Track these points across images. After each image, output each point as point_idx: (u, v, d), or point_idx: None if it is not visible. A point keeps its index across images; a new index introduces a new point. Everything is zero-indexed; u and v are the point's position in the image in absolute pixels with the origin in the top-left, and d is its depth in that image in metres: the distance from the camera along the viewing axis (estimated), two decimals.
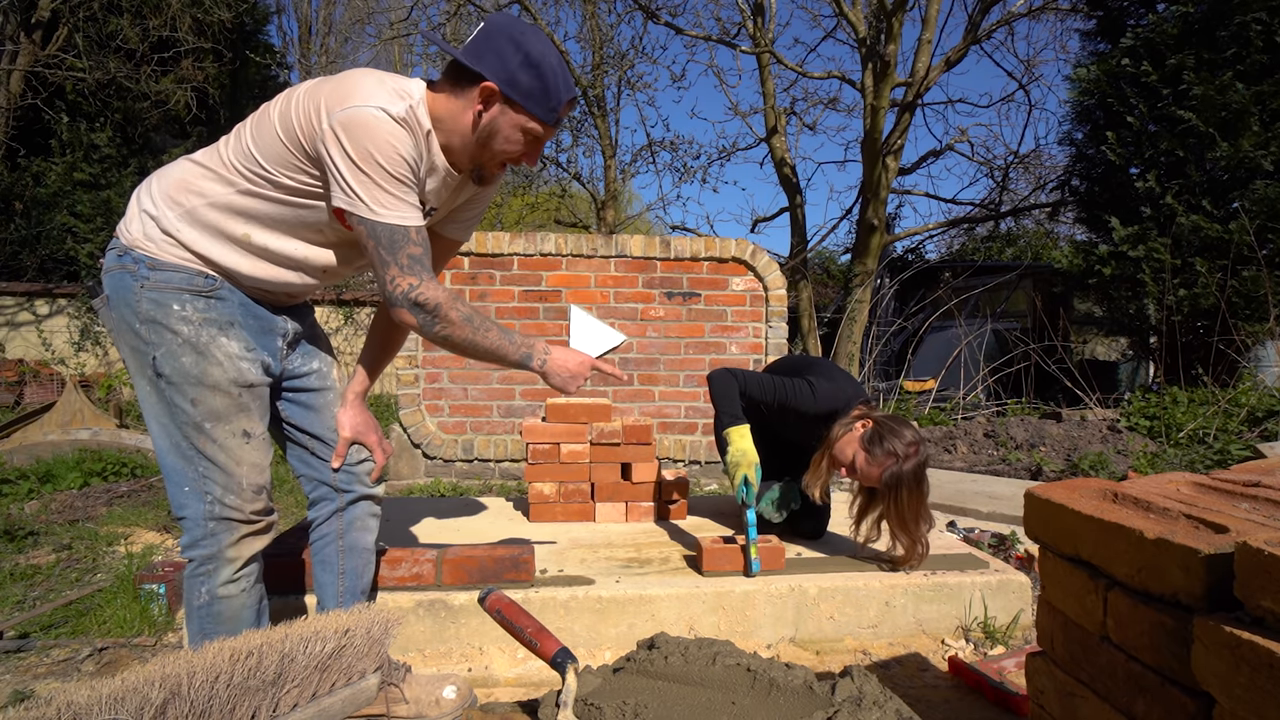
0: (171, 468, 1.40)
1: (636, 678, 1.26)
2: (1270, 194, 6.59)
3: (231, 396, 1.41)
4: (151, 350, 1.37)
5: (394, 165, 1.32)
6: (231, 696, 1.02)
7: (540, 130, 1.41)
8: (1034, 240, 14.48)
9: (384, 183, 1.32)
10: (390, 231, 1.35)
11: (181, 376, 1.37)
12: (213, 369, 1.39)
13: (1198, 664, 0.81)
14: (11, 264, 9.96)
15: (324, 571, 1.66)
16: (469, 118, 1.39)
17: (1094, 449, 4.88)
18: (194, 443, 1.39)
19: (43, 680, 1.86)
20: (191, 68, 10.90)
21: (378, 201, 1.32)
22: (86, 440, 4.49)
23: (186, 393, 1.38)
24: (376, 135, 1.29)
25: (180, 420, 1.38)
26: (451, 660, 1.93)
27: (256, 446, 1.46)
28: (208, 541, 1.41)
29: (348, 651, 1.18)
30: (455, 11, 9.84)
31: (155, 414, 1.40)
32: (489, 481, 4.39)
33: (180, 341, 1.37)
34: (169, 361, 1.37)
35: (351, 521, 1.66)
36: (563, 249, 4.45)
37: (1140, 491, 1.06)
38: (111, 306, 1.40)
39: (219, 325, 1.40)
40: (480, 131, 1.40)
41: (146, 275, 1.37)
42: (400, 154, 1.32)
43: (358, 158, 1.30)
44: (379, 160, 1.30)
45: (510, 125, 1.39)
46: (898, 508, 2.09)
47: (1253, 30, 6.72)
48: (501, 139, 1.41)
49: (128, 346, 1.40)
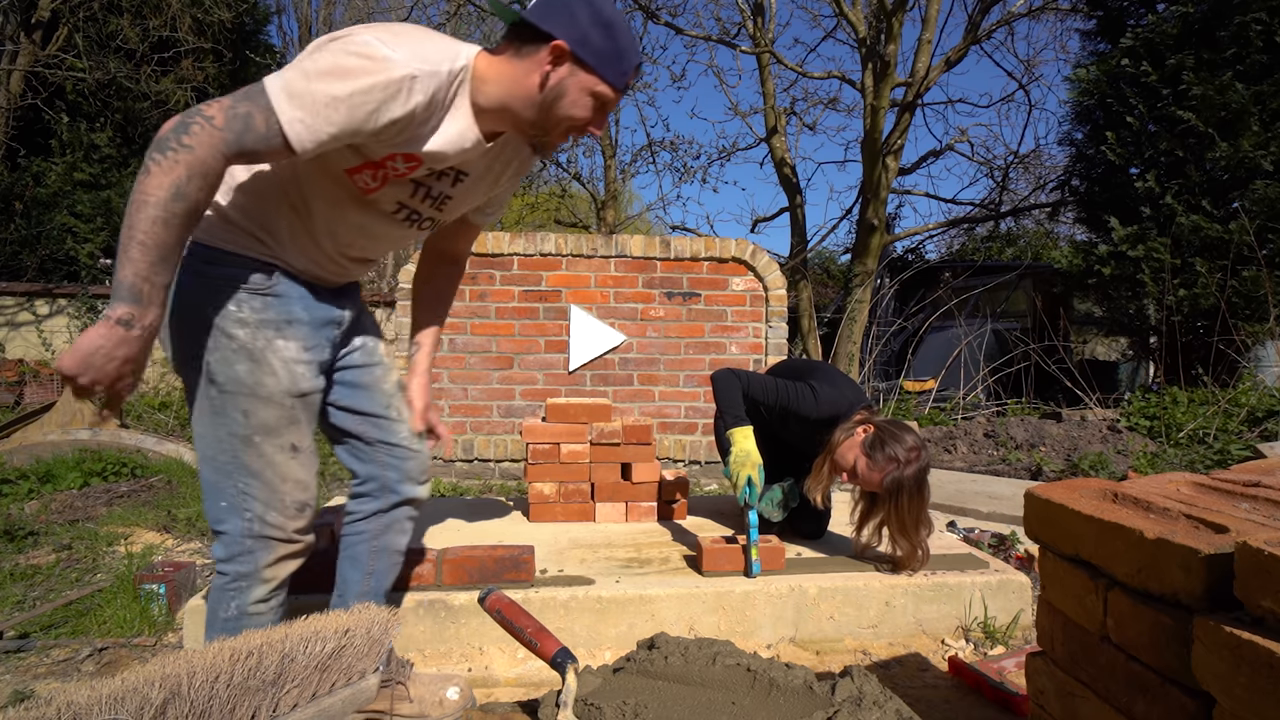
0: (210, 480, 1.35)
1: (636, 678, 1.26)
2: (1270, 194, 6.59)
3: (284, 408, 1.35)
4: (205, 355, 1.31)
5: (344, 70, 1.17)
6: (231, 696, 1.02)
7: (609, 94, 1.33)
8: (1034, 240, 14.48)
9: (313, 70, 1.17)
10: (261, 91, 1.16)
11: (235, 385, 1.31)
12: (267, 379, 1.33)
13: (1198, 664, 0.81)
14: (11, 264, 9.95)
15: (352, 569, 1.60)
16: (534, 80, 1.30)
17: (1094, 449, 4.88)
18: (239, 456, 1.33)
19: (43, 680, 1.86)
20: (191, 68, 10.89)
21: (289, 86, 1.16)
22: (86, 440, 4.49)
23: (239, 404, 1.32)
24: (349, 44, 1.18)
25: (228, 431, 1.33)
26: (451, 660, 1.93)
27: (303, 462, 1.40)
28: (244, 559, 1.36)
29: (348, 651, 1.18)
30: (455, 11, 9.85)
31: (202, 421, 1.35)
32: (489, 481, 4.39)
33: (235, 347, 1.31)
34: (223, 369, 1.31)
35: (390, 524, 1.60)
36: (563, 249, 4.46)
37: (1140, 491, 1.06)
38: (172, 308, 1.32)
39: (276, 326, 1.34)
40: (547, 93, 1.31)
41: (202, 271, 1.31)
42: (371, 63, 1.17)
43: (312, 49, 1.20)
44: (328, 61, 1.17)
45: (578, 88, 1.31)
46: (898, 513, 2.09)
47: (1253, 30, 6.72)
48: (568, 102, 1.32)
49: (179, 347, 1.34)
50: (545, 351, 4.49)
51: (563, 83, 1.30)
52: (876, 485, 2.11)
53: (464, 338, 4.42)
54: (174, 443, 4.70)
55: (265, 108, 1.15)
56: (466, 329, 4.43)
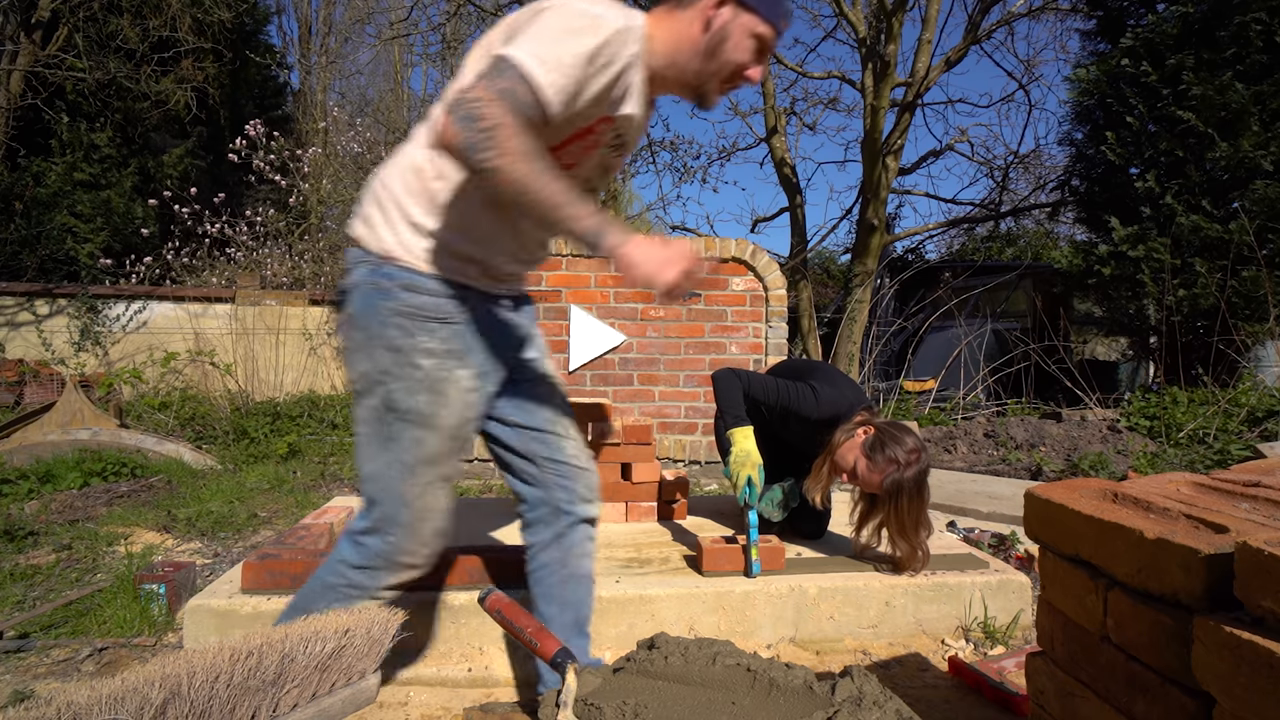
0: (369, 494, 1.36)
1: (636, 678, 1.26)
2: (1270, 194, 6.59)
3: (451, 440, 1.36)
4: (389, 381, 1.31)
5: (575, 29, 1.19)
6: (231, 696, 1.02)
7: (769, 35, 1.33)
8: (1034, 240, 14.48)
9: (546, 35, 1.18)
10: (508, 64, 1.17)
11: (414, 416, 1.32)
12: (443, 411, 1.33)
13: (1198, 664, 0.81)
14: (11, 264, 9.96)
15: (548, 605, 1.54)
16: (696, 28, 1.31)
17: (1094, 449, 4.88)
18: (398, 484, 1.34)
19: (43, 680, 1.86)
20: (191, 68, 10.90)
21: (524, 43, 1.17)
22: (86, 440, 4.49)
23: (412, 433, 1.32)
24: (565, 8, 1.20)
25: (396, 458, 1.33)
26: (451, 660, 1.93)
27: (450, 492, 1.42)
28: (370, 574, 1.38)
29: (348, 651, 1.18)
30: (455, 11, 9.83)
31: (370, 443, 1.35)
32: (489, 481, 4.39)
33: (420, 377, 1.31)
34: (405, 399, 1.31)
35: (570, 548, 1.53)
36: (563, 249, 4.45)
37: (1140, 491, 1.06)
38: (356, 325, 1.32)
39: (458, 357, 1.34)
40: (711, 37, 1.31)
41: (400, 297, 1.30)
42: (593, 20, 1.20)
43: (530, 13, 1.21)
44: (556, 22, 1.19)
45: (741, 30, 1.31)
46: (898, 514, 2.09)
47: (1253, 30, 6.72)
48: (731, 46, 1.32)
49: (364, 370, 1.33)
50: None
51: (726, 26, 1.31)
52: (876, 487, 2.11)
53: None
54: (174, 443, 4.70)
55: (519, 78, 1.16)
56: None
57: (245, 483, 4.15)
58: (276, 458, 4.99)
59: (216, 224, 9.22)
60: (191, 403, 6.47)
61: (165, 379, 6.91)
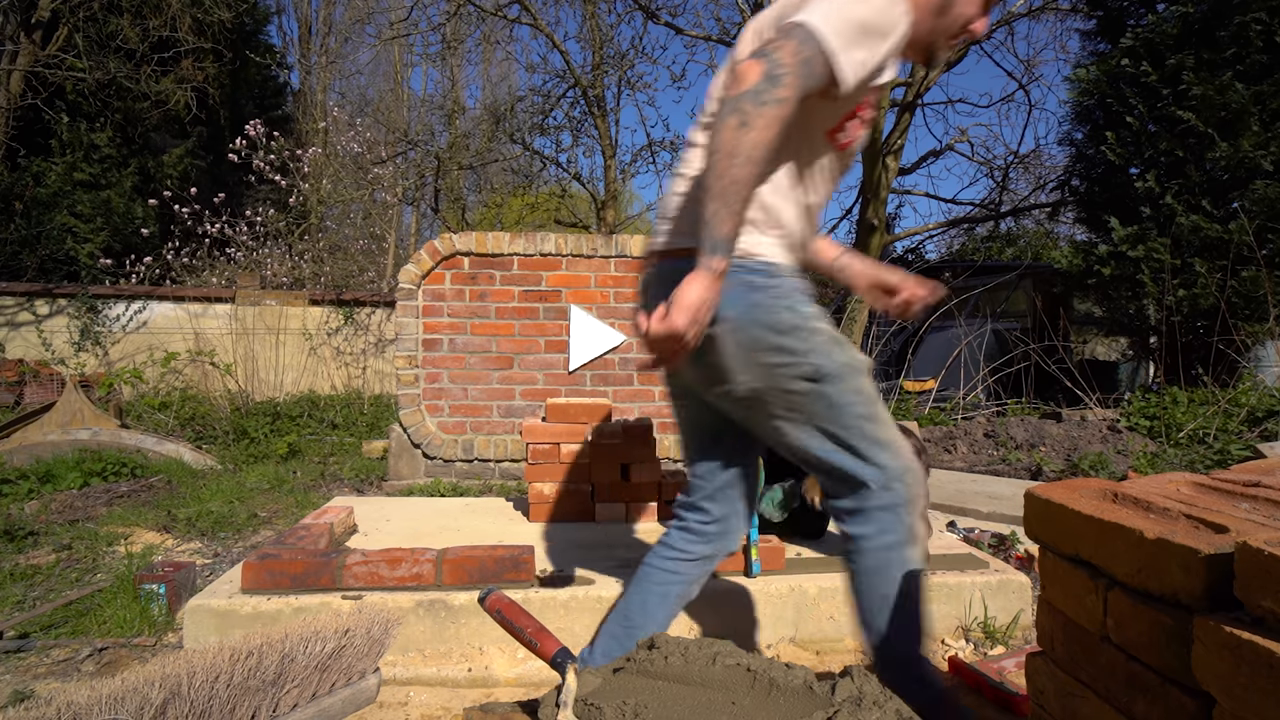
0: (846, 469, 1.33)
1: (636, 678, 1.26)
2: (1270, 194, 6.59)
3: (870, 373, 1.37)
4: (804, 358, 1.29)
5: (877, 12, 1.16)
6: (231, 696, 1.02)
7: None
8: (1034, 240, 14.47)
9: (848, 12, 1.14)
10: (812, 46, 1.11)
11: (845, 369, 1.31)
12: (855, 354, 1.34)
13: (1198, 664, 0.81)
14: (11, 264, 9.96)
15: (660, 607, 1.55)
16: None
17: (1094, 449, 4.88)
18: (866, 431, 1.32)
19: (43, 680, 1.86)
20: (191, 68, 10.91)
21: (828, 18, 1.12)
22: (86, 440, 4.49)
23: (851, 382, 1.32)
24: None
25: (851, 415, 1.31)
26: (451, 660, 1.93)
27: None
28: (908, 530, 1.34)
29: (348, 651, 1.18)
30: (455, 11, 9.83)
31: (815, 422, 1.32)
32: (489, 481, 4.39)
33: (828, 337, 1.31)
34: (828, 360, 1.30)
35: (705, 575, 1.57)
36: (563, 249, 4.45)
37: (1140, 491, 1.06)
38: (739, 330, 1.28)
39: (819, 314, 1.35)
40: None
41: (774, 283, 1.29)
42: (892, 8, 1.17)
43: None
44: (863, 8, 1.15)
45: None
46: None
47: (1253, 30, 6.72)
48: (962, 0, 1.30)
49: (763, 368, 1.30)
50: (545, 351, 4.49)
51: None
52: None
53: (464, 338, 4.42)
54: (174, 443, 4.70)
55: (818, 49, 1.12)
56: (466, 329, 4.42)
57: (245, 483, 4.15)
58: (276, 458, 4.99)
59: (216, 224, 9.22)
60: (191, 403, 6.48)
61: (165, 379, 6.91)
